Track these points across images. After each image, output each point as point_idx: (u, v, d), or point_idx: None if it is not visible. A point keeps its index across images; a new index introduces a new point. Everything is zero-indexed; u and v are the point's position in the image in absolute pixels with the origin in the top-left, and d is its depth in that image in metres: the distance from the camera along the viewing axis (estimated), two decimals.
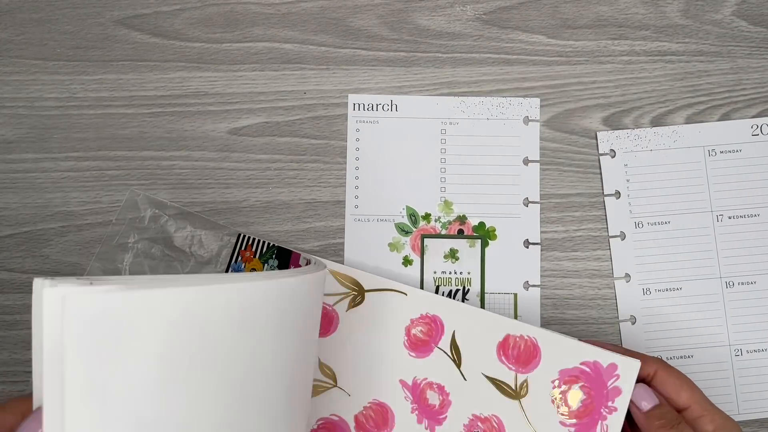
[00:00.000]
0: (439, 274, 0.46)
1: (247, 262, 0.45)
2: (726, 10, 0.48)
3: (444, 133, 0.47)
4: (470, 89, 0.47)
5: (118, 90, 0.47)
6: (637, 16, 0.48)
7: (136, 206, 0.46)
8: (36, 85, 0.47)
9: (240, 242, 0.45)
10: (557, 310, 0.45)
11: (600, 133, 0.47)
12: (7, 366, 0.45)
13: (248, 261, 0.45)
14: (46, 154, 0.47)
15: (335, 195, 0.47)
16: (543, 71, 0.47)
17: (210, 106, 0.47)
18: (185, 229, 0.46)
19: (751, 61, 0.47)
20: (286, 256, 0.45)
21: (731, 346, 0.45)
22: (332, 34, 0.48)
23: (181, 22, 0.48)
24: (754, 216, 0.46)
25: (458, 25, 0.48)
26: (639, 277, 0.45)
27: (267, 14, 0.48)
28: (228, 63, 0.47)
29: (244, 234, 0.46)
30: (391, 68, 0.47)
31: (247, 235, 0.45)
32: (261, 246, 0.45)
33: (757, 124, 0.46)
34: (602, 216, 0.46)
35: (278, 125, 0.47)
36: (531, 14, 0.48)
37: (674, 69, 0.47)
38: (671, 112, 0.47)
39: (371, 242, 0.46)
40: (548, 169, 0.47)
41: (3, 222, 0.46)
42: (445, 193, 0.46)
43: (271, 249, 0.45)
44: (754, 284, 0.45)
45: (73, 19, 0.48)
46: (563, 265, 0.46)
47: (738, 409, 0.44)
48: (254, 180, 0.46)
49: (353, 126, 0.47)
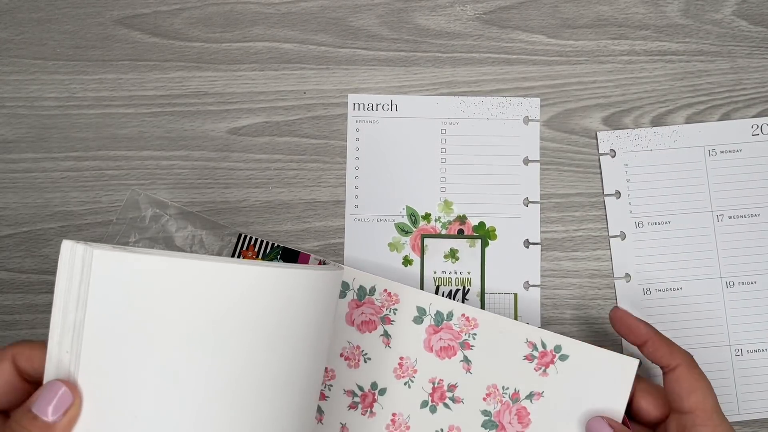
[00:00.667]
0: (439, 274, 0.46)
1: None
2: (726, 9, 0.48)
3: (444, 133, 0.47)
4: (470, 89, 0.47)
5: (118, 90, 0.47)
6: (637, 15, 0.48)
7: (137, 206, 0.46)
8: (36, 84, 0.47)
9: (241, 242, 0.45)
10: (557, 310, 0.45)
11: (600, 133, 0.47)
12: None
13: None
14: (45, 154, 0.46)
15: (335, 195, 0.47)
16: (543, 71, 0.47)
17: (210, 105, 0.47)
18: (186, 229, 0.46)
19: (751, 61, 0.47)
20: (292, 257, 0.45)
21: (731, 346, 0.45)
22: (332, 33, 0.48)
23: (181, 22, 0.48)
24: (755, 216, 0.46)
25: (458, 25, 0.48)
26: (639, 277, 0.45)
27: (267, 14, 0.48)
28: (228, 63, 0.47)
29: (245, 234, 0.45)
30: (391, 68, 0.47)
31: (248, 235, 0.45)
32: (264, 246, 0.45)
33: (757, 124, 0.46)
34: (602, 216, 0.46)
35: (278, 125, 0.47)
36: (531, 14, 0.48)
37: (674, 69, 0.47)
38: (671, 111, 0.47)
39: (371, 242, 0.46)
40: (548, 169, 0.47)
41: (3, 222, 0.46)
42: (445, 193, 0.46)
43: (275, 249, 0.45)
44: (755, 284, 0.45)
45: (73, 19, 0.48)
46: (563, 265, 0.46)
47: (738, 409, 0.44)
48: (254, 180, 0.46)
49: (353, 126, 0.47)
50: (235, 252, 0.45)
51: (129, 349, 0.28)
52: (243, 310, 0.30)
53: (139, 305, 0.28)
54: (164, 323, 0.28)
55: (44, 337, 0.44)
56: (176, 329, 0.28)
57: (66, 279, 0.27)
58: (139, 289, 0.27)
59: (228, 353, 0.29)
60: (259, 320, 0.30)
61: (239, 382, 0.30)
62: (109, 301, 0.27)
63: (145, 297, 0.28)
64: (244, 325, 0.30)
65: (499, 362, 0.41)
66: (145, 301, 0.28)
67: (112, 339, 0.27)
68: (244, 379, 0.30)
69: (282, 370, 0.32)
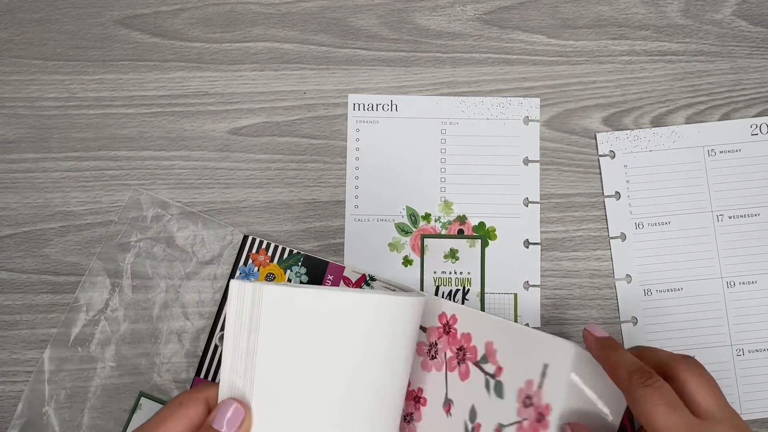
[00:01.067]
0: (439, 274, 0.46)
1: (261, 266, 0.45)
2: (726, 10, 0.48)
3: (444, 133, 0.47)
4: (470, 89, 0.47)
5: (118, 90, 0.47)
6: (637, 16, 0.48)
7: (138, 205, 0.46)
8: (36, 84, 0.47)
9: (248, 245, 0.45)
10: (557, 310, 0.45)
11: (599, 134, 0.47)
12: (7, 366, 0.44)
13: (263, 265, 0.45)
14: (46, 154, 0.47)
15: (335, 195, 0.46)
16: (543, 71, 0.47)
17: (210, 106, 0.47)
18: (187, 229, 0.45)
19: (751, 61, 0.47)
20: (316, 266, 0.45)
21: (733, 346, 0.45)
22: (332, 34, 0.48)
23: (181, 22, 0.48)
24: (755, 216, 0.46)
25: (458, 25, 0.48)
26: (640, 278, 0.45)
27: (267, 14, 0.48)
28: (228, 63, 0.47)
29: (252, 236, 0.45)
30: (391, 68, 0.47)
31: (256, 238, 0.45)
32: (281, 252, 0.45)
33: (756, 124, 0.46)
34: (602, 216, 0.46)
35: (278, 125, 0.47)
36: (531, 14, 0.48)
37: (674, 69, 0.47)
38: (671, 112, 0.47)
39: (371, 242, 0.46)
40: (548, 169, 0.47)
41: (3, 222, 0.46)
42: (445, 193, 0.46)
43: (294, 256, 0.45)
44: (755, 284, 0.45)
45: (73, 19, 0.48)
46: (563, 265, 0.46)
47: (740, 408, 0.44)
48: (254, 180, 0.46)
49: (353, 126, 0.47)
50: (240, 254, 0.45)
51: (292, 371, 0.33)
52: (375, 334, 0.35)
53: (300, 332, 0.33)
54: (320, 349, 0.33)
55: (45, 336, 0.44)
56: (330, 353, 0.33)
57: (236, 311, 0.32)
58: (301, 319, 0.33)
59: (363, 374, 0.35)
60: (381, 344, 0.35)
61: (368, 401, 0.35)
62: (277, 329, 0.32)
63: (306, 325, 0.33)
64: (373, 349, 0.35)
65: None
66: (305, 329, 0.33)
67: (278, 363, 0.32)
68: (371, 396, 0.35)
69: (388, 390, 0.36)
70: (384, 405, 0.36)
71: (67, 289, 0.45)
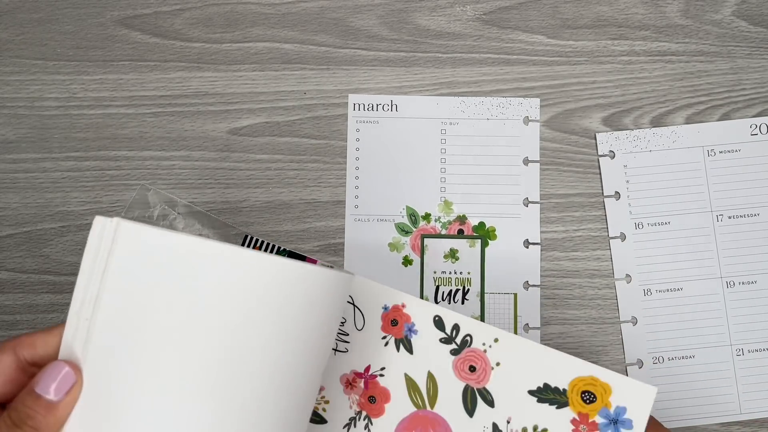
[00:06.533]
0: (439, 274, 0.46)
1: None
2: (726, 10, 0.48)
3: (444, 133, 0.47)
4: (470, 89, 0.47)
5: (119, 90, 0.47)
6: (637, 16, 0.48)
7: (146, 201, 0.46)
8: (36, 85, 0.47)
9: (248, 245, 0.45)
10: (557, 310, 0.45)
11: (599, 134, 0.47)
12: None
13: None
14: (46, 154, 0.47)
15: (335, 195, 0.47)
16: (543, 71, 0.47)
17: (210, 106, 0.47)
18: (193, 227, 0.46)
19: (751, 61, 0.47)
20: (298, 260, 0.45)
21: (733, 345, 0.45)
22: (332, 34, 0.48)
23: (181, 22, 0.48)
24: (754, 215, 0.46)
25: (458, 25, 0.48)
26: (640, 278, 0.45)
27: (267, 14, 0.48)
28: (228, 63, 0.47)
29: (250, 235, 0.45)
30: (391, 68, 0.47)
31: (253, 237, 0.45)
32: (270, 249, 0.45)
33: (756, 124, 0.46)
34: (602, 216, 0.46)
35: (278, 125, 0.47)
36: (531, 14, 0.48)
37: (674, 69, 0.47)
38: (671, 112, 0.47)
39: (371, 242, 0.46)
40: (548, 169, 0.47)
41: (3, 222, 0.46)
42: (445, 193, 0.46)
43: (280, 253, 0.45)
44: (755, 284, 0.45)
45: (74, 19, 0.48)
46: (563, 265, 0.46)
47: (740, 408, 0.44)
48: (254, 180, 0.46)
49: (353, 126, 0.47)
50: None
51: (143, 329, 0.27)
52: (264, 299, 0.30)
53: (162, 283, 0.27)
54: (184, 306, 0.27)
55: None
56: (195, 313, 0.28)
57: (94, 249, 0.27)
58: (164, 267, 0.27)
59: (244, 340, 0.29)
60: (276, 311, 0.30)
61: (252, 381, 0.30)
62: (131, 276, 0.27)
63: (169, 276, 0.27)
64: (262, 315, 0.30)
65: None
66: (168, 280, 0.27)
67: (127, 316, 0.27)
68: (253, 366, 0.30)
69: (289, 365, 0.31)
70: (280, 388, 0.31)
71: (67, 289, 0.45)
